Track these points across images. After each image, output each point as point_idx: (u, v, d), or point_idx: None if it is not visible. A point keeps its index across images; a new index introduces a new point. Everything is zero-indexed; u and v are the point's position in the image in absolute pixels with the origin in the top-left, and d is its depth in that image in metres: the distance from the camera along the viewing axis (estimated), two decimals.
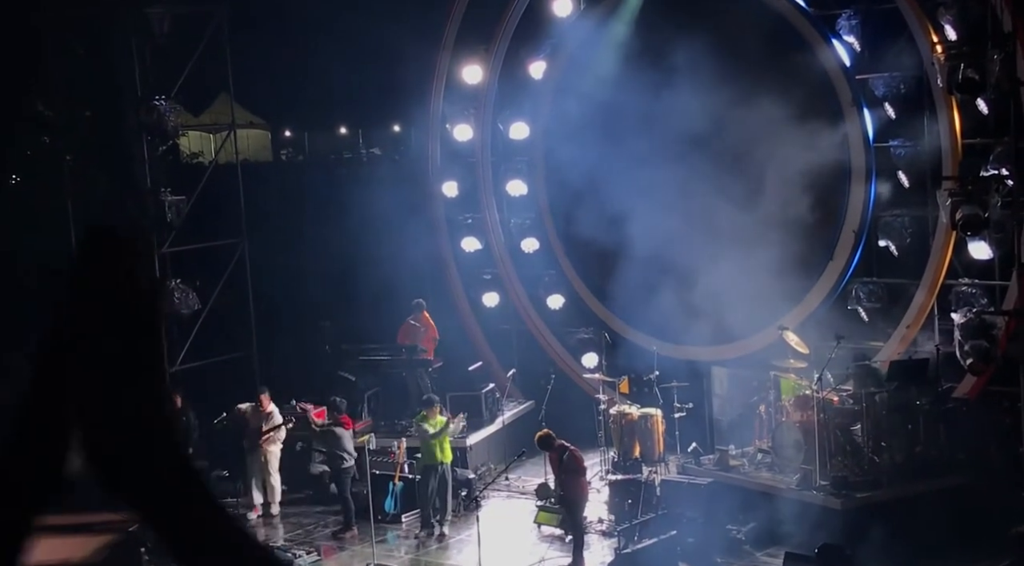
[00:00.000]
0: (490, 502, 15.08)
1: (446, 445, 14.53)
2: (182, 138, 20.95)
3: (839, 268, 15.22)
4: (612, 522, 14.05)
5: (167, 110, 16.59)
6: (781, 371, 14.30)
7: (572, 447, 13.09)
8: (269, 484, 15.30)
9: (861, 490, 13.18)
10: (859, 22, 14.50)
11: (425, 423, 14.41)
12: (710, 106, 15.63)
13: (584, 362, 17.34)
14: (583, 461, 13.28)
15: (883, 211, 14.88)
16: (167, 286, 15.20)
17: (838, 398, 13.75)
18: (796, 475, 13.49)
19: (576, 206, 17.32)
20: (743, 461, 14.33)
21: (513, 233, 18.33)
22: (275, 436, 15.28)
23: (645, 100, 16.00)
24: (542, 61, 17.55)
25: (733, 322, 15.61)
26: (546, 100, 17.67)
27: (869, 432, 13.61)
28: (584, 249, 17.56)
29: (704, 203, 15.94)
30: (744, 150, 15.63)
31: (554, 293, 17.96)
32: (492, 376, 17.59)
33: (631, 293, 16.88)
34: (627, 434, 15.24)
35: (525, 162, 18.12)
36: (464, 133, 18.18)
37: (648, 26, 16.30)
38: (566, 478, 12.99)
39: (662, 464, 14.95)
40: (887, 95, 14.46)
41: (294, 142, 35.39)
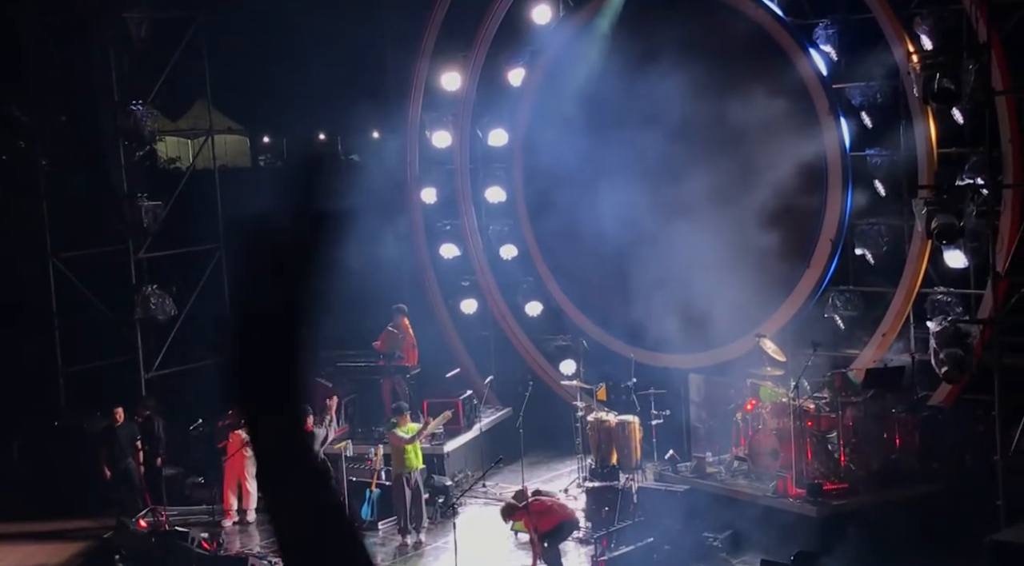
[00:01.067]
0: (467, 509, 15.06)
1: (418, 452, 14.49)
2: (159, 143, 20.90)
3: (816, 276, 15.29)
4: (589, 529, 14.03)
5: (144, 115, 16.53)
6: (758, 379, 14.34)
7: (529, 499, 12.85)
8: (245, 490, 15.19)
9: (836, 497, 13.22)
10: (836, 31, 14.60)
11: (397, 430, 14.40)
12: (688, 115, 15.69)
13: (562, 369, 17.34)
14: (545, 501, 13.00)
15: (859, 219, 14.96)
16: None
17: (814, 406, 13.79)
18: (772, 483, 13.52)
19: (555, 213, 17.35)
20: (720, 468, 14.36)
21: (491, 240, 18.33)
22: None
23: (624, 107, 16.07)
24: (521, 68, 17.58)
25: (711, 330, 15.66)
26: (525, 107, 17.69)
27: (845, 439, 13.66)
28: (562, 256, 17.59)
29: (682, 211, 15.97)
30: (722, 159, 15.68)
31: (532, 300, 17.97)
32: (470, 383, 17.57)
33: (609, 300, 16.95)
34: (604, 441, 15.24)
35: (504, 169, 18.13)
36: (443, 140, 18.18)
37: (627, 34, 16.35)
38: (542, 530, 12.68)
39: (639, 471, 14.96)
40: (864, 104, 14.54)
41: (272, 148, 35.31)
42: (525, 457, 15.82)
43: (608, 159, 16.63)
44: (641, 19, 16.37)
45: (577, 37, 17.03)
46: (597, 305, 17.35)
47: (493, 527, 14.48)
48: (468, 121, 18.17)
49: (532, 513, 12.63)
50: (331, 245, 2.03)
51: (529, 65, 17.51)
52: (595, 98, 16.70)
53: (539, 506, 12.79)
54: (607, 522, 13.70)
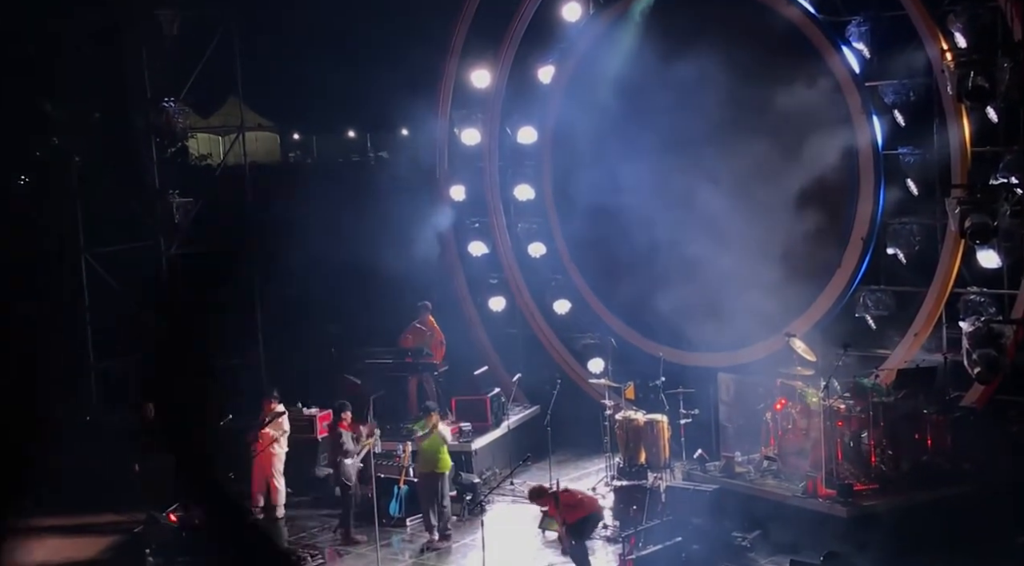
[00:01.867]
0: (495, 507, 15.06)
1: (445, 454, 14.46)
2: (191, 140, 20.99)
3: (847, 275, 15.19)
4: (617, 528, 14.00)
5: (176, 112, 16.64)
6: (788, 378, 14.26)
7: (560, 489, 12.89)
8: (272, 486, 15.21)
9: (867, 498, 13.13)
10: (869, 29, 14.49)
11: (418, 427, 14.46)
12: (719, 112, 15.63)
13: (590, 367, 17.32)
14: (575, 494, 13.05)
15: (891, 218, 14.85)
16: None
17: (845, 406, 13.70)
18: (802, 483, 13.44)
19: (583, 211, 17.33)
20: (749, 468, 14.29)
21: (520, 238, 18.33)
22: (280, 439, 15.20)
23: (654, 105, 16.02)
24: (551, 66, 17.56)
25: (740, 329, 15.59)
26: (554, 105, 17.67)
27: (876, 440, 13.56)
28: (591, 254, 17.56)
29: (713, 209, 15.91)
30: (753, 157, 15.59)
31: (560, 298, 17.95)
32: (498, 380, 17.57)
33: (638, 299, 16.89)
34: (633, 440, 15.20)
35: (533, 167, 18.12)
36: (472, 137, 18.18)
37: (657, 32, 16.29)
38: (570, 521, 12.71)
39: (668, 470, 14.91)
40: (896, 102, 14.43)
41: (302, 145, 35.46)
42: (553, 455, 15.82)
43: (638, 158, 16.57)
44: (671, 17, 16.31)
45: (607, 34, 16.99)
46: (626, 303, 17.30)
47: (521, 525, 14.50)
48: (497, 119, 18.18)
49: (562, 505, 12.63)
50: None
51: (559, 62, 17.49)
52: (625, 96, 16.66)
53: (569, 498, 12.78)
54: (635, 521, 13.66)
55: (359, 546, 14.38)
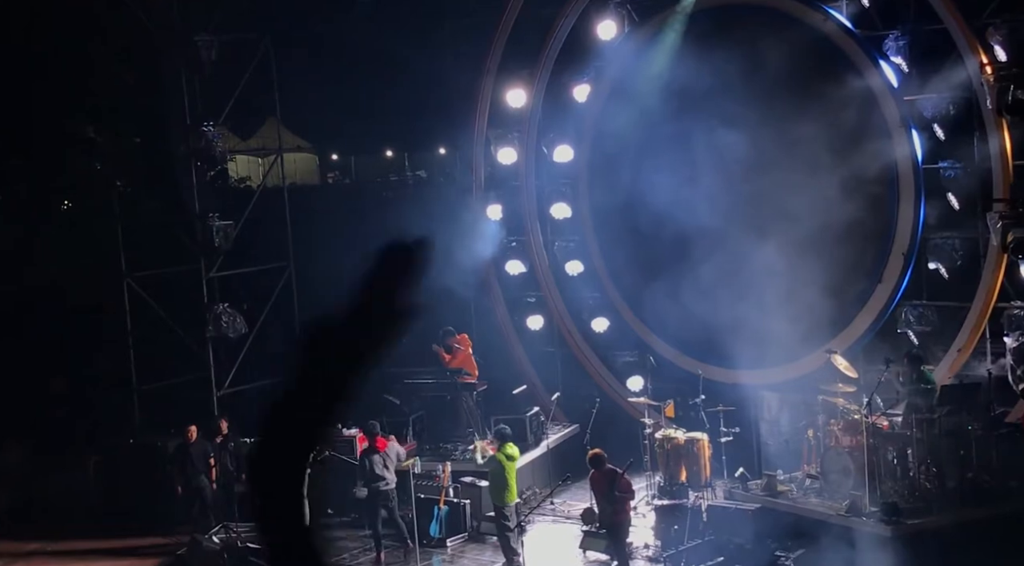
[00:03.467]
0: (535, 526, 15.02)
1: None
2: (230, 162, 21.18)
3: (888, 291, 15.05)
4: (658, 548, 13.93)
5: (215, 136, 16.79)
6: (829, 395, 14.14)
7: (622, 471, 12.95)
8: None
9: (912, 516, 12.98)
10: (907, 43, 14.38)
11: (506, 452, 14.04)
12: (757, 128, 15.57)
13: (629, 385, 17.25)
14: (632, 486, 13.16)
15: (932, 233, 14.70)
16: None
17: (888, 423, 13.56)
18: (845, 501, 13.31)
19: (621, 229, 17.30)
20: (791, 486, 14.17)
21: (557, 256, 18.32)
22: None
23: (691, 122, 15.98)
24: (586, 84, 17.57)
25: (781, 346, 15.48)
26: (590, 123, 17.68)
27: (920, 457, 13.41)
28: (629, 272, 17.51)
29: (750, 226, 15.84)
30: (791, 173, 15.51)
31: (598, 316, 17.90)
32: (536, 399, 17.55)
33: (677, 316, 16.81)
34: (673, 458, 15.11)
35: (569, 185, 18.12)
36: (508, 156, 18.22)
37: (693, 48, 16.26)
38: (617, 503, 12.81)
39: (709, 489, 14.80)
40: (936, 116, 14.30)
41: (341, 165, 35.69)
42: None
43: (675, 174, 16.52)
44: (708, 32, 16.27)
45: (643, 52, 16.98)
46: (664, 321, 17.22)
47: (561, 545, 14.44)
48: (533, 137, 18.20)
49: (620, 484, 12.59)
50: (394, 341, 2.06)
51: (594, 81, 17.50)
52: (661, 113, 16.63)
53: (629, 486, 12.83)
54: (676, 540, 13.59)
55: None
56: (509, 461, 13.97)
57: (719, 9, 16.26)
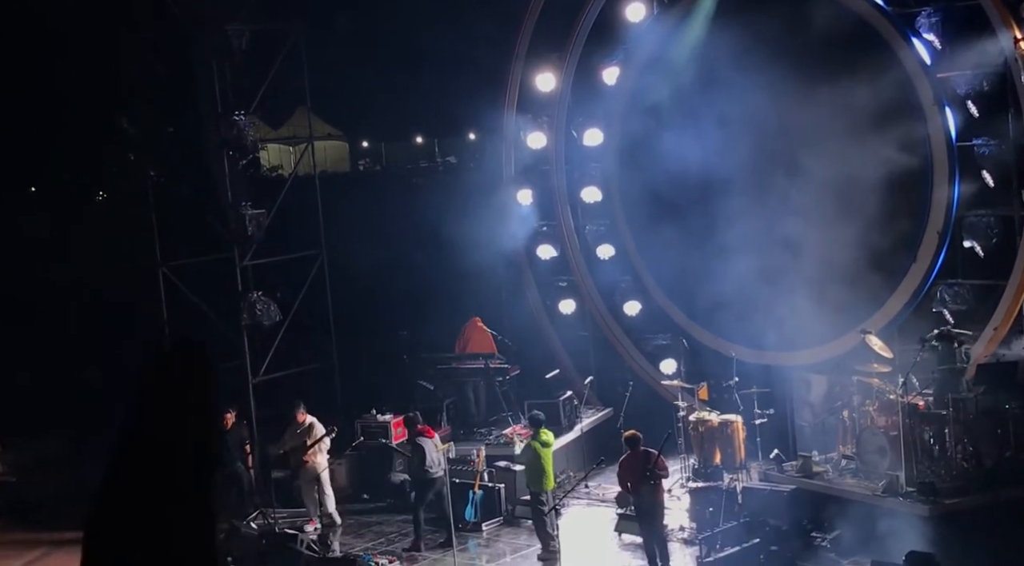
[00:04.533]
0: (570, 510, 15.06)
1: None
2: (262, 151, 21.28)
3: (923, 270, 14.92)
4: (694, 530, 13.93)
5: (247, 125, 16.86)
6: (864, 376, 14.07)
7: (658, 450, 12.94)
8: (323, 492, 15.11)
9: (949, 496, 12.90)
10: (939, 19, 14.21)
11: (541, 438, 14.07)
12: (788, 108, 15.46)
13: (662, 368, 17.23)
14: (667, 466, 13.16)
15: (967, 211, 14.55)
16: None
17: (924, 403, 13.48)
18: (881, 481, 13.25)
19: (652, 211, 17.25)
20: (827, 467, 14.12)
21: (588, 239, 18.30)
22: (319, 447, 15.18)
23: (721, 103, 15.90)
24: (615, 66, 17.50)
25: (814, 326, 15.41)
26: (620, 105, 17.62)
27: (956, 437, 13.32)
28: (660, 254, 17.44)
29: (783, 206, 15.76)
30: (824, 152, 15.41)
31: (631, 299, 17.88)
32: (569, 383, 17.57)
33: (709, 298, 16.76)
34: (707, 441, 15.10)
35: (599, 168, 18.08)
36: (538, 141, 18.20)
37: (723, 29, 16.17)
38: (652, 484, 12.81)
39: (743, 471, 14.78)
40: (969, 93, 14.14)
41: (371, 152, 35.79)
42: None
43: (705, 155, 16.47)
44: (738, 13, 16.16)
45: (672, 33, 16.90)
46: (696, 303, 17.18)
47: (596, 528, 14.48)
48: (563, 121, 18.17)
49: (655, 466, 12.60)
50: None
51: (623, 63, 17.43)
52: (691, 93, 16.56)
53: (665, 468, 12.84)
54: (712, 522, 13.58)
55: (435, 551, 14.44)
56: (544, 448, 13.99)
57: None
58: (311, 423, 15.23)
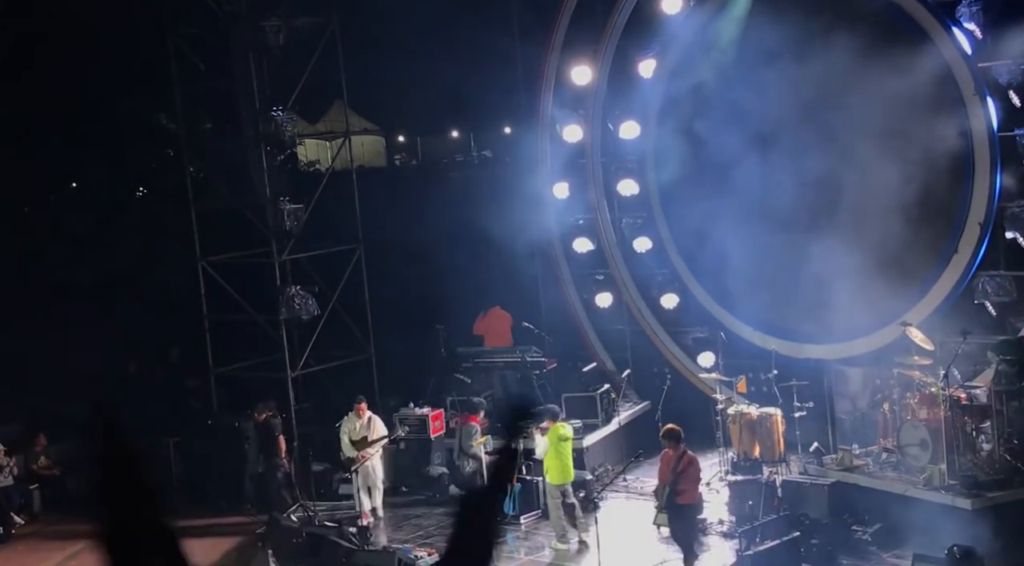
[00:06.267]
0: (608, 503, 15.04)
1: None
2: (299, 146, 21.37)
3: (964, 261, 14.78)
4: (733, 523, 13.89)
5: (284, 120, 16.94)
6: (905, 368, 13.96)
7: (692, 453, 12.88)
8: (377, 487, 15.34)
9: (992, 489, 12.79)
10: (980, 9, 14.04)
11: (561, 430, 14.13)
12: (827, 100, 15.35)
13: (700, 362, 17.17)
14: (697, 470, 13.04)
15: (1009, 202, 14.38)
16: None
17: (966, 395, 13.35)
18: (923, 474, 13.16)
19: (689, 204, 17.19)
20: (867, 461, 14.03)
21: (625, 233, 18.25)
22: (379, 443, 15.33)
23: (758, 95, 15.81)
24: (652, 59, 17.43)
25: (854, 319, 15.30)
26: (656, 98, 17.55)
27: (999, 430, 13.19)
28: (698, 247, 17.39)
29: (822, 199, 15.65)
30: (864, 143, 15.29)
31: (668, 292, 17.82)
32: (607, 377, 17.55)
33: (747, 291, 16.69)
34: (746, 434, 15.03)
35: (636, 161, 18.03)
36: (574, 134, 18.16)
37: (760, 20, 16.07)
38: (685, 484, 12.74)
39: (783, 464, 14.71)
40: (1011, 83, 13.97)
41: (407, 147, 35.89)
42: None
43: (743, 147, 16.38)
44: (774, 4, 16.06)
45: (709, 25, 16.80)
46: (734, 296, 17.10)
47: (635, 521, 14.46)
48: (599, 114, 18.13)
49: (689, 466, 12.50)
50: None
51: (660, 56, 17.36)
52: (728, 85, 16.47)
53: (698, 470, 12.70)
54: (751, 516, 13.53)
55: None
56: (562, 442, 14.02)
57: None
58: (370, 417, 15.34)
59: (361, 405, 15.37)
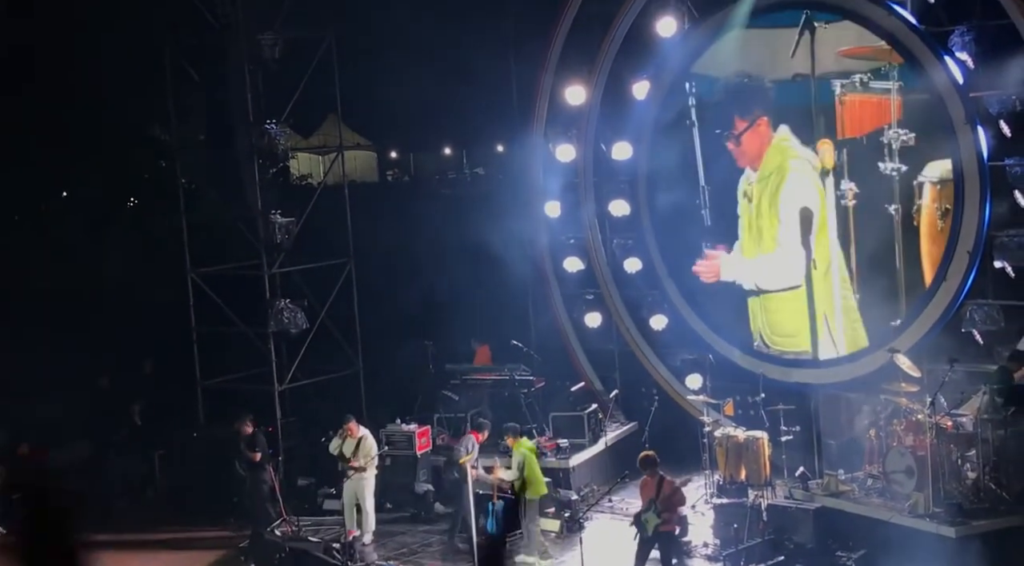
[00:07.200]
0: (593, 523, 15.02)
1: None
2: (291, 160, 21.36)
3: (952, 289, 14.83)
4: (717, 547, 13.88)
5: (278, 134, 16.95)
6: (892, 395, 13.98)
7: (678, 484, 12.79)
8: (364, 511, 15.05)
9: (976, 518, 12.81)
10: (973, 38, 14.13)
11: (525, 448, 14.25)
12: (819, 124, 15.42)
13: (688, 383, 17.18)
14: (681, 499, 12.95)
15: (998, 231, 14.46)
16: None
17: (952, 423, 13.38)
18: (908, 501, 13.17)
19: (679, 226, 17.24)
20: (853, 486, 14.04)
21: (616, 253, 18.28)
22: (369, 462, 15.15)
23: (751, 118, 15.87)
24: (645, 81, 17.50)
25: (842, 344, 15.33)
26: (649, 120, 17.61)
27: (985, 458, 13.22)
28: (688, 269, 17.43)
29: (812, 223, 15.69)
30: (854, 169, 15.37)
31: (657, 313, 17.84)
32: (595, 397, 17.55)
33: (736, 314, 16.74)
34: (732, 457, 15.02)
35: (628, 182, 18.06)
36: (567, 153, 18.21)
37: (752, 46, 16.17)
38: (673, 513, 12.68)
39: (769, 488, 14.70)
40: (1002, 113, 14.05)
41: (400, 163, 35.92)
42: None
43: (734, 169, 16.46)
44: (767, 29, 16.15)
45: (702, 48, 16.88)
46: (724, 319, 17.15)
47: (620, 542, 14.42)
48: (592, 134, 18.18)
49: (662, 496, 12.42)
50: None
51: (654, 78, 17.43)
52: (720, 109, 16.56)
53: (682, 497, 12.60)
54: (736, 539, 13.52)
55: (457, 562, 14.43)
56: (531, 454, 14.15)
57: (779, 5, 16.10)
58: (363, 436, 15.13)
59: (350, 424, 15.17)
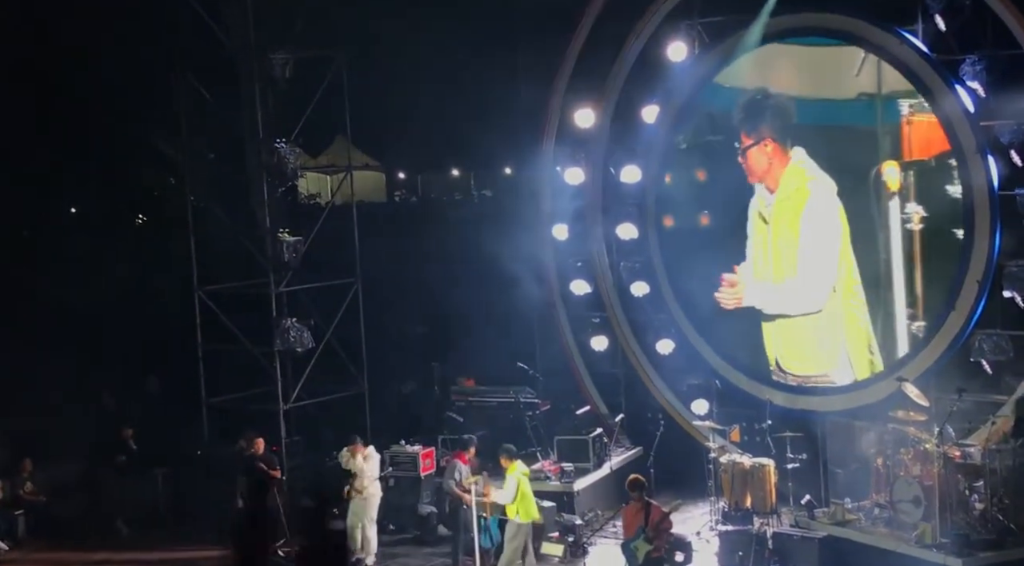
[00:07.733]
0: (597, 548, 14.95)
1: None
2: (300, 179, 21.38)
3: (961, 319, 14.80)
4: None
5: (287, 152, 16.97)
6: (900, 424, 13.92)
7: (667, 511, 12.62)
8: (365, 536, 14.93)
9: (983, 549, 12.72)
10: (984, 67, 14.17)
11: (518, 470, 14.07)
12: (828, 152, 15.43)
13: (694, 409, 17.13)
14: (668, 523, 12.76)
15: (1008, 261, 14.44)
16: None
17: (960, 453, 13.32)
18: (915, 531, 13.09)
19: (688, 249, 17.24)
20: (859, 515, 13.96)
21: (623, 276, 18.25)
22: (370, 483, 15.03)
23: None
24: (655, 105, 17.53)
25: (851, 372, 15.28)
26: (658, 144, 17.63)
27: (992, 489, 13.15)
28: (695, 294, 17.40)
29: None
30: (861, 199, 15.37)
31: (664, 338, 17.79)
32: (600, 421, 17.49)
33: (744, 339, 16.70)
34: (738, 484, 14.95)
35: (636, 206, 18.07)
36: (575, 176, 18.22)
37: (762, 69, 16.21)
38: (663, 540, 12.53)
39: (774, 516, 14.63)
40: (1013, 142, 14.07)
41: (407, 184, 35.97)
42: (656, 498, 15.58)
43: (743, 194, 16.48)
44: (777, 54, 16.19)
45: (712, 74, 16.92)
46: (731, 344, 17.11)
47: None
48: (601, 158, 18.20)
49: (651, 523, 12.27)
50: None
51: (663, 102, 17.46)
52: (730, 133, 16.58)
53: (661, 521, 12.41)
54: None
55: None
56: (524, 477, 13.86)
57: (791, 31, 16.14)
58: (367, 455, 15.05)
59: (356, 446, 15.06)
